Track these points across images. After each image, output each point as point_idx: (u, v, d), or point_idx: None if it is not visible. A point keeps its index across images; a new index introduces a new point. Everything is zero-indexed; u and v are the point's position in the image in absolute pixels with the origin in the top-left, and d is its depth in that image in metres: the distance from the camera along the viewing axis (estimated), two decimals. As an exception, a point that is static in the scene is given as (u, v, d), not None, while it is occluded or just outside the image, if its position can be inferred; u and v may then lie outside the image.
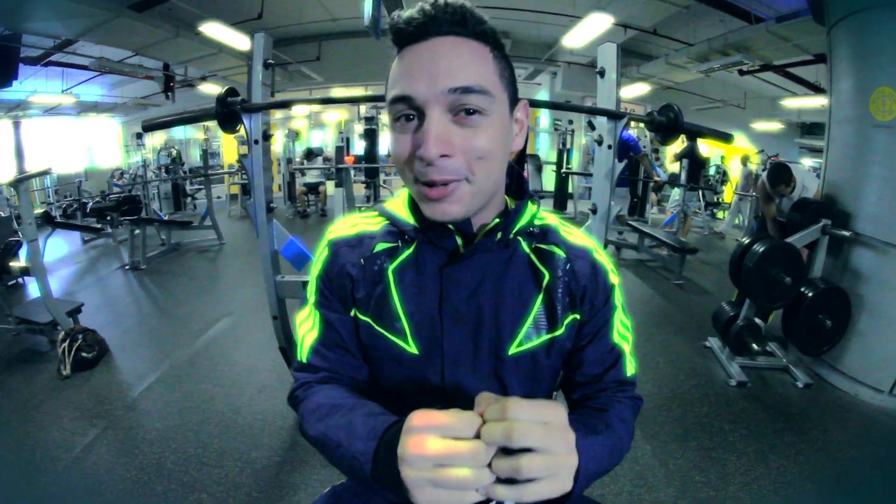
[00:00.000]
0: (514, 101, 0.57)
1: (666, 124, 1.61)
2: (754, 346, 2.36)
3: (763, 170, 7.61)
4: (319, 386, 0.62)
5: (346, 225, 0.66)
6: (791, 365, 2.46)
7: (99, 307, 3.24)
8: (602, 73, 1.57)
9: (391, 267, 0.60)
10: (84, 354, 2.32)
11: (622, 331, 0.66)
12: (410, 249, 0.61)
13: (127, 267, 4.36)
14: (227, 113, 1.61)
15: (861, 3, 2.28)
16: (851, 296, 2.31)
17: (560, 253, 0.62)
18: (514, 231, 0.60)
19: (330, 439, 0.53)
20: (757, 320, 2.42)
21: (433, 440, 0.39)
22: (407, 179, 0.55)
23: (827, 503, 1.63)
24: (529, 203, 0.62)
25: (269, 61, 1.67)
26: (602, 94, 1.59)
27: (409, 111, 0.51)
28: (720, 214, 9.07)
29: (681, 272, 4.18)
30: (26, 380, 2.32)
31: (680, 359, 2.65)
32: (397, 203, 0.64)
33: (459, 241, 0.59)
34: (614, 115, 1.56)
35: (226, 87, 1.64)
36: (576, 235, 0.66)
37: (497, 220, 0.59)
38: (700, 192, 6.51)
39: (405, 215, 0.62)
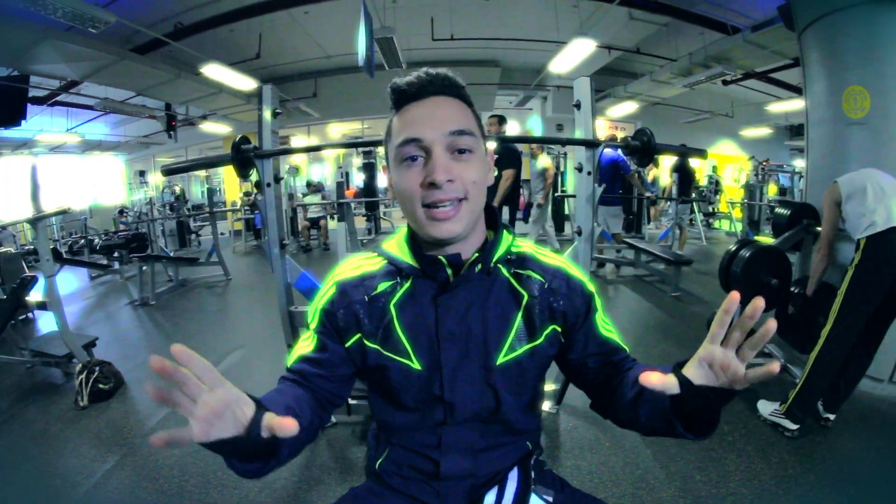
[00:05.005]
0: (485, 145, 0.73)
1: (641, 147, 1.74)
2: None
3: (757, 176, 7.77)
4: (287, 384, 0.73)
5: (351, 267, 0.77)
6: (788, 363, 2.52)
7: (111, 341, 3.32)
8: (578, 106, 1.72)
9: (392, 301, 0.72)
10: (101, 386, 2.40)
11: (607, 326, 0.77)
12: (408, 284, 0.72)
13: (136, 303, 4.46)
14: (242, 159, 1.76)
15: (827, 7, 2.40)
16: (841, 290, 2.37)
17: (537, 276, 0.74)
18: (493, 261, 0.72)
19: None
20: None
21: None
22: (412, 209, 0.67)
23: (829, 493, 1.67)
24: (505, 233, 0.75)
25: (277, 111, 1.83)
26: (580, 125, 1.73)
27: (417, 152, 0.65)
28: (716, 224, 9.22)
29: (677, 284, 4.27)
30: (43, 411, 2.38)
31: (679, 367, 2.71)
32: (393, 244, 0.76)
33: (450, 272, 0.70)
34: (590, 144, 1.70)
35: (239, 136, 1.80)
36: (550, 258, 0.77)
37: (477, 254, 0.71)
38: (693, 205, 6.64)
39: (402, 254, 0.73)
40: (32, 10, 3.41)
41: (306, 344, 0.76)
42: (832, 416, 2.04)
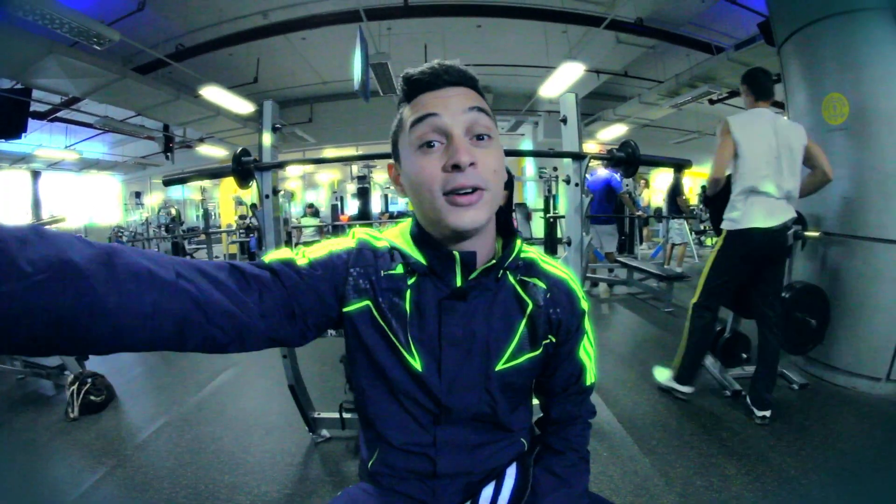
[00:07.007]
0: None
1: (626, 159, 1.79)
2: (743, 355, 2.45)
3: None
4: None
5: (375, 235, 0.73)
6: (784, 369, 2.51)
7: (103, 358, 3.26)
8: (565, 121, 1.78)
9: (408, 289, 0.68)
10: (92, 398, 2.36)
11: (587, 348, 0.77)
12: (413, 279, 0.69)
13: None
14: (242, 170, 1.80)
15: (803, 20, 2.52)
16: (833, 291, 2.42)
17: (541, 284, 0.72)
18: (503, 267, 0.70)
19: None
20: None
21: None
22: (431, 198, 0.62)
23: (832, 492, 1.67)
24: (516, 239, 0.73)
25: (277, 126, 1.88)
26: (566, 139, 1.79)
27: (436, 137, 0.62)
28: (708, 241, 9.33)
29: (670, 300, 4.30)
30: (32, 421, 2.34)
31: (675, 378, 2.71)
32: (397, 236, 0.72)
33: (459, 278, 0.67)
34: (577, 156, 1.75)
35: (240, 148, 1.84)
36: (554, 267, 0.76)
37: (493, 262, 0.68)
38: (685, 222, 6.73)
39: (410, 250, 0.69)
40: (40, 24, 3.48)
41: (295, 253, 0.67)
42: (767, 414, 2.10)
